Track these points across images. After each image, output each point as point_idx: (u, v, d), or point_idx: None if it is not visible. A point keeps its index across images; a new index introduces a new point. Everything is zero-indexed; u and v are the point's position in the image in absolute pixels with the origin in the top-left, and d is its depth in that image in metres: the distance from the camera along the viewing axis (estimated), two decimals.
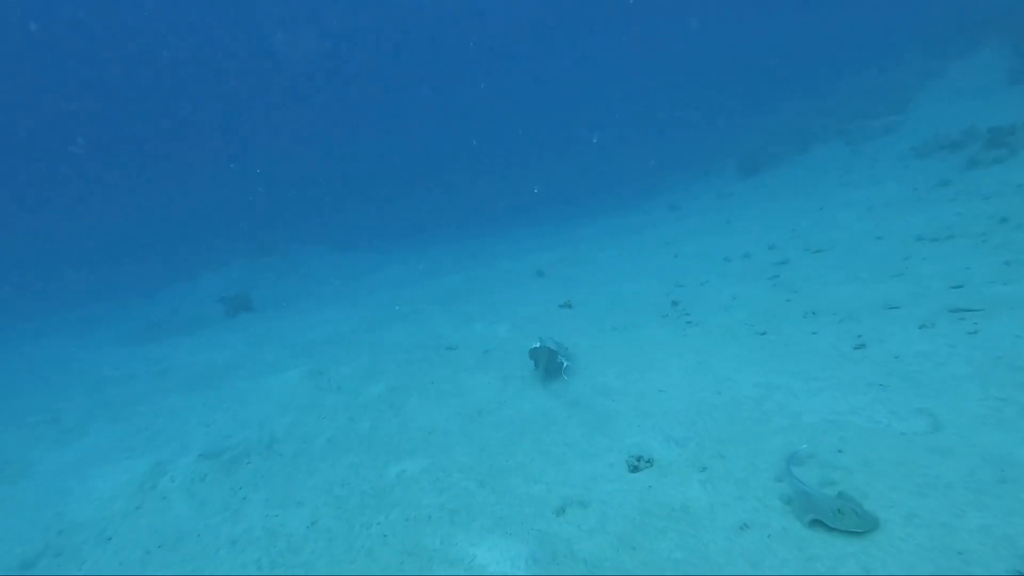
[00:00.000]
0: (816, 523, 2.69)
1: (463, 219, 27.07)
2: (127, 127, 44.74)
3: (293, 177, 43.02)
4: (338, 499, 3.89)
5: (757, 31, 40.18)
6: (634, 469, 3.74)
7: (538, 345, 5.47)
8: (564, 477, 3.85)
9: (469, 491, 3.90)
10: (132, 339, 11.33)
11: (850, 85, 18.25)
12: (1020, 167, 7.37)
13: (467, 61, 53.80)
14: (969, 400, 3.33)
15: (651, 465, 3.72)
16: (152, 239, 31.28)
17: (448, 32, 51.23)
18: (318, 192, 38.84)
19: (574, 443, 4.27)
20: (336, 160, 48.08)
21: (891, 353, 4.21)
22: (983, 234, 5.88)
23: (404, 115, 53.76)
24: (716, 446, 3.70)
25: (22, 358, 10.82)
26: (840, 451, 3.22)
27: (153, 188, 45.06)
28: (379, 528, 3.52)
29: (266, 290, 14.32)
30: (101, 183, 44.58)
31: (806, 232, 8.48)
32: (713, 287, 7.42)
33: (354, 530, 3.53)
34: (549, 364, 5.49)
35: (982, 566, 2.26)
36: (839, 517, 2.59)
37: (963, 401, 3.34)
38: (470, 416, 5.09)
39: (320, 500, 3.87)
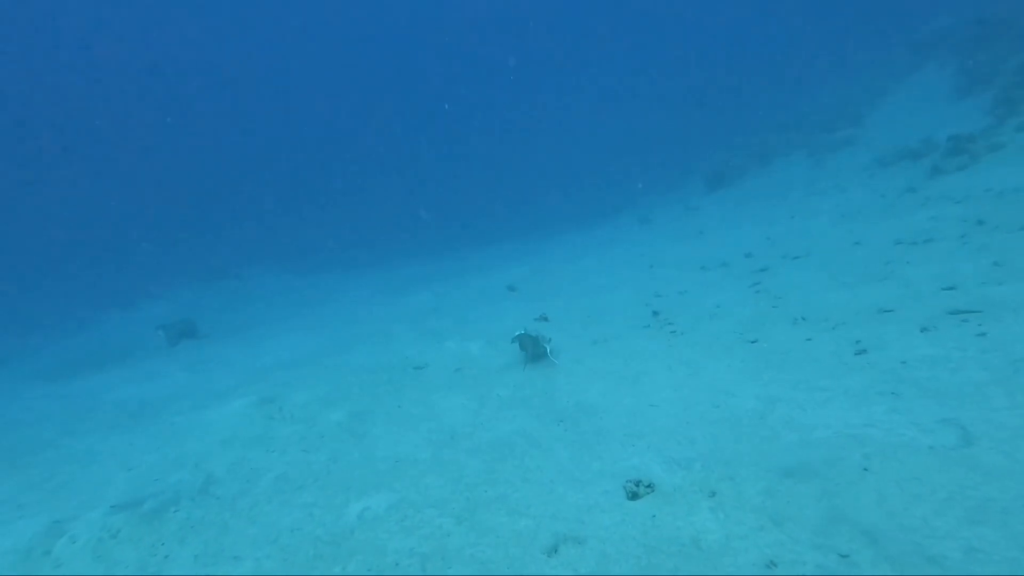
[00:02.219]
0: None
1: (428, 238, 26.48)
2: (51, 135, 40.52)
3: (246, 195, 41.20)
4: (286, 549, 3.27)
5: (714, 48, 41.74)
6: (633, 496, 3.29)
7: (522, 332, 6.00)
8: (554, 509, 3.36)
9: (444, 530, 3.36)
10: (52, 374, 10.02)
11: (806, 102, 18.87)
12: (984, 172, 7.49)
13: (432, 71, 53.63)
14: (998, 409, 3.04)
15: (652, 491, 3.28)
16: (83, 263, 28.16)
17: (415, 41, 51.10)
18: (274, 212, 37.30)
19: (562, 468, 3.80)
20: (294, 178, 46.44)
21: (896, 358, 3.94)
22: (962, 236, 5.81)
23: (367, 131, 52.82)
24: (723, 468, 3.29)
25: None
26: (866, 469, 2.86)
27: (83, 205, 40.68)
28: None
29: (216, 316, 13.17)
30: (22, 201, 40.13)
31: (781, 240, 8.37)
32: (694, 296, 7.15)
33: None
34: (535, 349, 5.99)
35: None
36: None
37: (991, 411, 3.04)
38: (443, 442, 4.55)
39: (263, 552, 3.24)
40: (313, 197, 40.75)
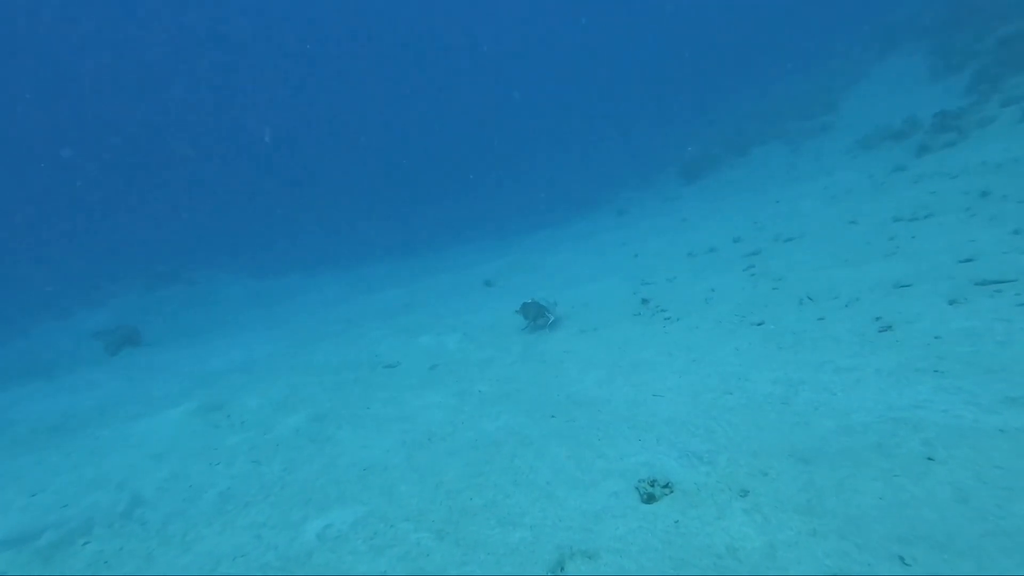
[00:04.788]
0: None
1: (400, 237, 25.61)
2: None
3: (203, 194, 39.03)
4: None
5: (680, 41, 41.94)
6: (649, 498, 2.76)
7: (529, 300, 6.17)
8: (555, 515, 2.82)
9: (423, 547, 2.79)
10: None
11: (779, 91, 18.88)
12: (975, 147, 7.31)
13: (401, 70, 52.38)
14: None
15: (671, 491, 2.76)
16: (9, 268, 24.66)
17: (379, 41, 49.81)
18: (234, 211, 35.45)
19: (560, 468, 3.26)
20: (256, 175, 44.06)
21: (928, 333, 3.53)
22: (968, 209, 5.53)
23: (334, 126, 50.96)
24: (752, 460, 2.80)
25: None
26: (930, 458, 2.39)
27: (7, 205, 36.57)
28: None
29: (164, 322, 11.93)
30: None
31: (769, 223, 8.04)
32: (684, 282, 6.72)
33: None
34: (537, 317, 6.12)
35: None
36: None
37: None
38: (418, 444, 3.97)
39: None
40: (275, 195, 39.08)
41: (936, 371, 3.09)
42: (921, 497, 2.18)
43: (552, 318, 6.15)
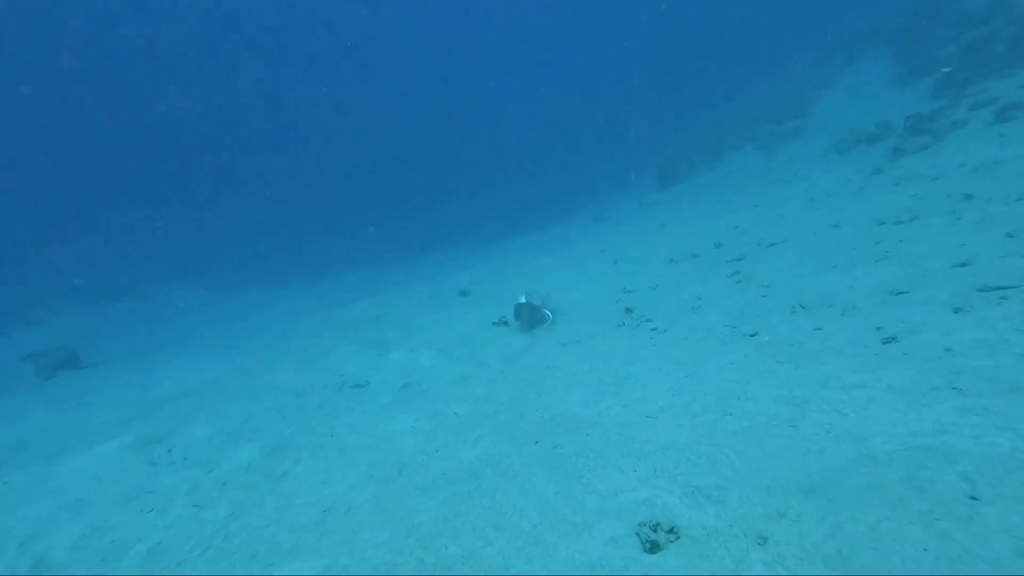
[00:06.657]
0: None
1: (371, 246, 24.88)
2: None
3: (159, 204, 37.19)
4: None
5: (652, 49, 42.43)
6: (652, 547, 2.41)
7: (523, 300, 6.01)
8: (543, 569, 2.45)
9: None
10: None
11: (749, 97, 19.09)
12: (952, 150, 7.29)
13: (373, 75, 51.47)
14: None
15: (677, 537, 2.41)
16: None
17: (350, 45, 48.87)
18: (192, 222, 33.87)
19: (548, 507, 2.89)
20: (216, 184, 42.19)
21: (938, 345, 3.29)
22: (953, 212, 5.41)
23: (301, 132, 49.50)
24: (767, 499, 2.47)
25: None
26: (974, 498, 2.09)
27: None
28: None
29: (110, 342, 10.92)
30: None
31: (751, 228, 7.87)
32: (668, 290, 6.45)
33: None
34: (532, 316, 5.91)
35: None
36: None
37: None
38: (387, 478, 3.55)
39: None
40: (237, 205, 37.64)
41: (955, 388, 2.83)
42: (973, 549, 1.87)
43: (550, 316, 6.03)
